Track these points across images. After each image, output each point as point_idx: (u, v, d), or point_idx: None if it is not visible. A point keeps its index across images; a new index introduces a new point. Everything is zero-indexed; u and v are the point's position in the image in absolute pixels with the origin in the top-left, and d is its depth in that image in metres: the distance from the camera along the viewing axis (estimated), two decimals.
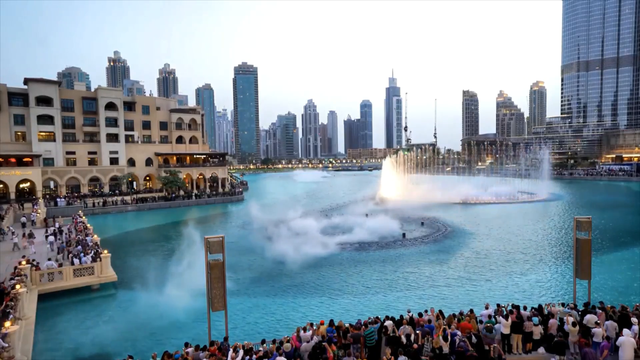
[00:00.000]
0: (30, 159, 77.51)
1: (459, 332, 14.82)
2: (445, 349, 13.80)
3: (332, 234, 48.05)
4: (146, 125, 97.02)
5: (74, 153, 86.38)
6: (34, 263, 30.43)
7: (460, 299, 27.38)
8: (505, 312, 16.65)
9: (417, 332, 15.24)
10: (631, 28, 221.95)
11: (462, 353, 13.45)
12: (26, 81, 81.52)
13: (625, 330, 14.16)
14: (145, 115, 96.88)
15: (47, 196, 76.35)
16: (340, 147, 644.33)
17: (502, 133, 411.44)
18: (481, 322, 16.87)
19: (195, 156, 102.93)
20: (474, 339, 14.55)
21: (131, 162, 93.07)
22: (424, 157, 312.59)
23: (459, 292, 28.92)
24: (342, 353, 14.43)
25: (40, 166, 77.85)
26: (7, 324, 17.35)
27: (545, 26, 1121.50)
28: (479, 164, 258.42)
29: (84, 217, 53.23)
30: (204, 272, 17.59)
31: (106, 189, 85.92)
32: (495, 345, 14.31)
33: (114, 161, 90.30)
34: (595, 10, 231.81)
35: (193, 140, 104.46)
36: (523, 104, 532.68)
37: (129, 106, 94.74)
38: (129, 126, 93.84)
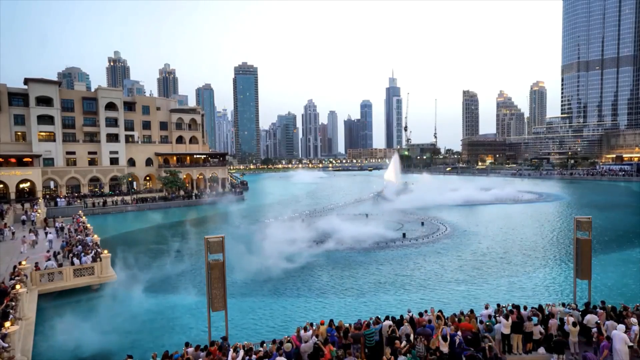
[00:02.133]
0: (30, 159, 77.49)
1: (458, 332, 14.82)
2: (445, 350, 13.79)
3: (324, 238, 47.85)
4: (146, 125, 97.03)
5: (74, 153, 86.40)
6: (65, 254, 31.47)
7: (460, 298, 27.37)
8: (505, 312, 16.64)
9: (407, 333, 15.29)
10: (631, 28, 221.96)
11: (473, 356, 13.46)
12: (26, 81, 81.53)
13: (620, 326, 14.28)
14: (146, 115, 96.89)
15: (47, 196, 76.36)
16: (341, 147, 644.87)
17: (502, 133, 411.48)
18: (481, 322, 16.87)
19: (195, 156, 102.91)
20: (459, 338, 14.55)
21: (131, 162, 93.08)
22: (424, 157, 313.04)
23: (459, 292, 28.91)
24: (342, 353, 14.43)
25: (40, 166, 77.84)
26: (7, 324, 17.34)
27: (545, 26, 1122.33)
28: (479, 164, 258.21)
29: (84, 217, 53.22)
30: (203, 272, 17.58)
31: (106, 189, 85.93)
32: (490, 344, 14.30)
33: (114, 161, 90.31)
34: (595, 10, 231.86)
35: (193, 140, 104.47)
36: (523, 104, 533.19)
37: (129, 106, 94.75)
38: (129, 126, 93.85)
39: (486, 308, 18.01)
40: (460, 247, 42.43)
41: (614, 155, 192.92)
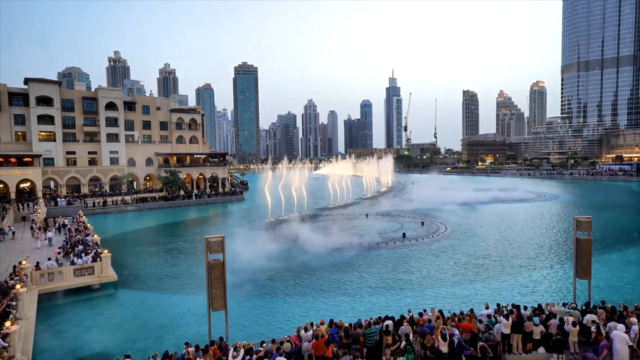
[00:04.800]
0: (31, 159, 77.47)
1: (456, 332, 14.82)
2: (444, 349, 13.78)
3: (323, 239, 47.75)
4: (146, 125, 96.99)
5: (74, 153, 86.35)
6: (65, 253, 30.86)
7: (460, 298, 27.37)
8: (505, 312, 16.64)
9: (407, 333, 15.29)
10: (631, 28, 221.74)
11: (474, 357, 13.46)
12: (26, 81, 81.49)
13: (620, 326, 14.28)
14: (146, 115, 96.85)
15: (47, 196, 76.33)
16: (341, 147, 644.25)
17: (502, 133, 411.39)
18: (481, 321, 16.88)
19: (195, 156, 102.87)
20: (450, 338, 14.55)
21: (131, 162, 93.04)
22: (424, 156, 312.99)
23: (459, 292, 28.91)
24: (342, 352, 14.42)
25: (41, 166, 77.82)
26: (8, 323, 17.34)
27: (545, 26, 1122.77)
28: (479, 164, 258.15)
29: (84, 217, 53.23)
30: (203, 271, 17.59)
31: (106, 189, 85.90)
32: (483, 343, 14.29)
33: (114, 161, 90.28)
34: (595, 10, 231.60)
35: (193, 140, 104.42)
36: (523, 104, 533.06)
37: (129, 106, 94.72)
38: (129, 126, 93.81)
39: (486, 308, 18.01)
40: (460, 247, 42.43)
41: (614, 155, 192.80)
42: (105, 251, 32.33)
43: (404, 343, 14.12)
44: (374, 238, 46.23)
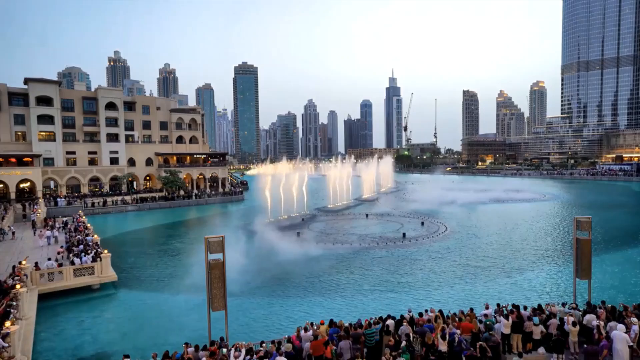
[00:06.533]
0: (31, 159, 77.42)
1: (457, 331, 14.82)
2: (444, 349, 13.77)
3: (324, 238, 47.80)
4: (146, 125, 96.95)
5: (74, 153, 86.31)
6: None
7: (460, 298, 27.36)
8: (505, 312, 16.64)
9: (407, 333, 15.28)
10: (631, 28, 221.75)
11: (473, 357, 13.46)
12: (26, 81, 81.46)
13: (620, 326, 14.28)
14: (146, 115, 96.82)
15: (47, 196, 76.29)
16: (341, 147, 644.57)
17: (502, 133, 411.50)
18: (481, 321, 16.88)
19: (195, 156, 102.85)
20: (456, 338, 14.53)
21: (131, 162, 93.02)
22: (424, 156, 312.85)
23: (458, 292, 28.90)
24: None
25: (41, 166, 77.78)
26: (8, 323, 17.34)
27: (545, 26, 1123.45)
28: (479, 164, 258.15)
29: (84, 217, 53.21)
30: (204, 272, 17.59)
31: (106, 189, 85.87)
32: (482, 343, 14.33)
33: (114, 161, 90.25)
34: (595, 10, 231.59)
35: (193, 140, 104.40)
36: (523, 104, 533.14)
37: (129, 106, 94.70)
38: (129, 126, 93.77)
39: (486, 308, 18.02)
40: (460, 247, 42.41)
41: (614, 155, 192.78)
42: (105, 251, 32.33)
43: (404, 343, 14.12)
44: (373, 238, 46.20)
